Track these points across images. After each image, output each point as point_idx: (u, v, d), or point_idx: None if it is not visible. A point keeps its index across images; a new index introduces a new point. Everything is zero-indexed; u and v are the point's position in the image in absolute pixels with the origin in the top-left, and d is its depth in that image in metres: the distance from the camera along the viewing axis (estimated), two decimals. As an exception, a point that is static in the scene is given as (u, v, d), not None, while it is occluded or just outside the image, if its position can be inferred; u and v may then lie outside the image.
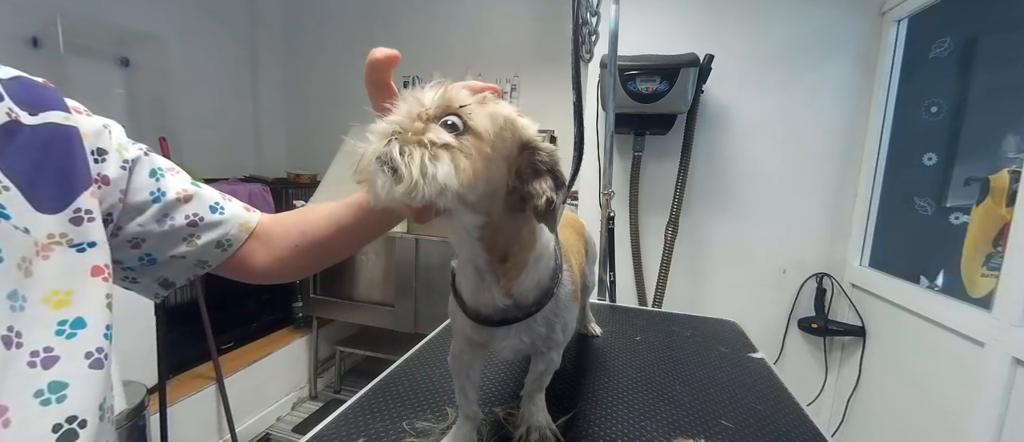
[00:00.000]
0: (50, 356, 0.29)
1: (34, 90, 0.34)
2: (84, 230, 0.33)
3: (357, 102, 2.54)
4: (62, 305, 0.31)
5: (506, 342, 0.44)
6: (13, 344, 0.28)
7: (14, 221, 0.29)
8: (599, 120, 1.63)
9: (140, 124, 2.26)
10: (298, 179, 2.71)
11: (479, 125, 0.32)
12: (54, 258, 0.31)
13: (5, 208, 0.29)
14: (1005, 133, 1.21)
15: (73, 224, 0.33)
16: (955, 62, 1.39)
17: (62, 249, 0.32)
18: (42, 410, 0.28)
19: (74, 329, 0.31)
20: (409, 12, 2.67)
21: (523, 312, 0.42)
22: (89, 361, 0.31)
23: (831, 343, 1.68)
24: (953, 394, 1.14)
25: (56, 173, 0.33)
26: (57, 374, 0.29)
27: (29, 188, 0.30)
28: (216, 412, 1.86)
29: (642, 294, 1.80)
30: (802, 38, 1.60)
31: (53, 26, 1.82)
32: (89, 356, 0.31)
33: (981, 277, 1.14)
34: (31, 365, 0.29)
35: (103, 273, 0.34)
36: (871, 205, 1.58)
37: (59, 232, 0.32)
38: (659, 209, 1.76)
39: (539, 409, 0.55)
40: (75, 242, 0.33)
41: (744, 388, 0.71)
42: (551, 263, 0.43)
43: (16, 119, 0.31)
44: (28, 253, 0.30)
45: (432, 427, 0.56)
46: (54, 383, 0.29)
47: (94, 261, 0.33)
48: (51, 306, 0.30)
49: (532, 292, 0.42)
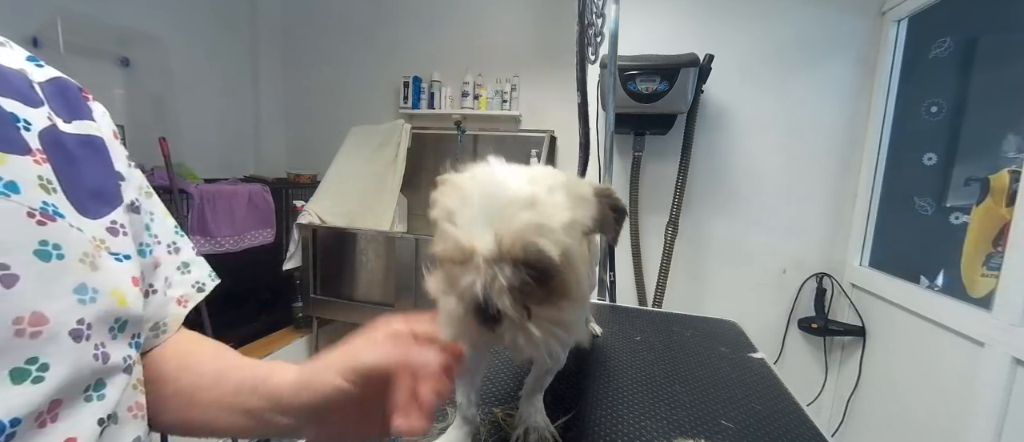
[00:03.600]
0: (105, 352, 0.29)
1: (67, 96, 0.34)
2: (120, 242, 0.33)
3: (357, 102, 2.55)
4: (123, 302, 0.31)
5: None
6: (83, 336, 0.28)
7: (69, 220, 0.29)
8: (599, 120, 1.63)
9: (140, 124, 2.26)
10: (298, 179, 2.71)
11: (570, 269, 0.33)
12: (105, 260, 0.31)
13: (58, 207, 0.29)
14: (1005, 133, 1.21)
15: (110, 234, 0.33)
16: (955, 62, 1.39)
17: (106, 254, 0.32)
18: (87, 406, 0.28)
19: (119, 331, 0.31)
20: (409, 12, 2.67)
21: None
22: (124, 365, 0.31)
23: (831, 343, 1.68)
24: (953, 394, 1.14)
25: (92, 183, 0.33)
26: (104, 373, 0.29)
27: (71, 191, 0.30)
28: (216, 412, 1.86)
29: (642, 294, 1.80)
30: (802, 38, 1.60)
31: (53, 26, 1.82)
32: (125, 360, 0.31)
33: (981, 277, 1.14)
34: (95, 357, 0.29)
35: (140, 285, 0.34)
36: (871, 205, 1.58)
37: (100, 238, 0.32)
38: (659, 209, 1.76)
39: (537, 410, 0.55)
40: (113, 251, 0.32)
41: (744, 388, 0.71)
42: None
43: (55, 125, 0.31)
44: (88, 249, 0.29)
45: (430, 427, 0.56)
46: (99, 381, 0.29)
47: (132, 272, 0.33)
48: (117, 301, 0.31)
49: None
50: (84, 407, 0.28)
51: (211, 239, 2.06)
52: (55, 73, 0.34)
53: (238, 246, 2.18)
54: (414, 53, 2.67)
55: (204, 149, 2.55)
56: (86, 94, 0.36)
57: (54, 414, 0.27)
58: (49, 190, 0.29)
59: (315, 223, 2.19)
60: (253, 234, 2.28)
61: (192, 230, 1.99)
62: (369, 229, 2.18)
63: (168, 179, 1.84)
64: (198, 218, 2.02)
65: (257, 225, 2.31)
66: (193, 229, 2.00)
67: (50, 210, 0.28)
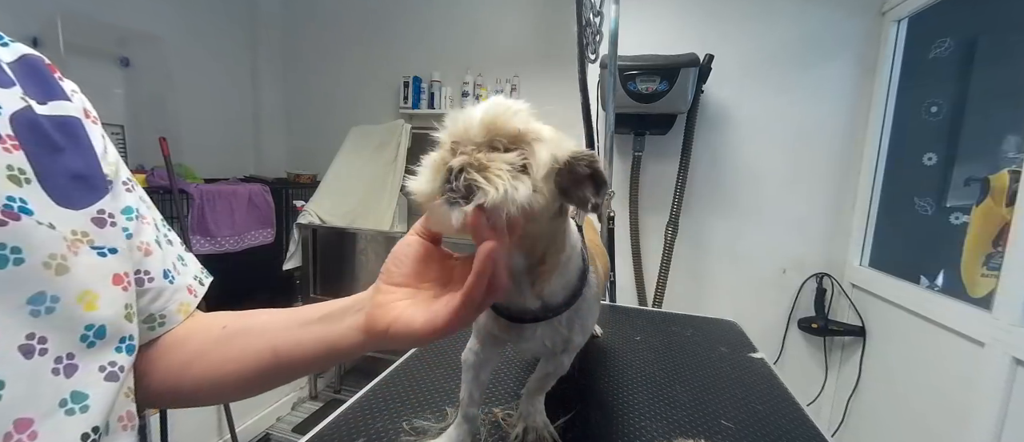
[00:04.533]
0: (71, 364, 0.27)
1: (39, 74, 0.32)
2: (106, 234, 0.31)
3: (357, 102, 2.55)
4: (91, 308, 0.29)
5: (531, 343, 0.44)
6: (36, 352, 0.26)
7: (37, 216, 0.27)
8: (599, 120, 1.63)
9: (140, 124, 2.26)
10: (298, 179, 2.71)
11: (539, 161, 0.32)
12: (81, 257, 0.29)
13: (27, 202, 0.26)
14: (1005, 133, 1.21)
15: (96, 225, 0.31)
16: (955, 62, 1.39)
17: (86, 250, 0.29)
18: (69, 420, 0.27)
19: (96, 338, 0.29)
20: (409, 12, 2.66)
21: (552, 311, 0.42)
22: (104, 374, 0.29)
23: (831, 343, 1.68)
24: (953, 394, 1.14)
25: (75, 168, 0.30)
26: (77, 384, 0.28)
27: (49, 180, 0.28)
28: (216, 412, 1.86)
29: (642, 294, 1.80)
30: (802, 38, 1.60)
31: (53, 26, 1.82)
32: (103, 369, 0.29)
33: (981, 277, 1.14)
34: (54, 372, 0.27)
35: (123, 282, 0.32)
36: (871, 205, 1.58)
37: (82, 230, 0.29)
38: (659, 209, 1.76)
39: (537, 411, 0.55)
40: (97, 245, 0.30)
41: (744, 388, 0.71)
42: (579, 263, 0.43)
43: (30, 106, 0.29)
44: (57, 249, 0.27)
45: (430, 426, 0.56)
46: (76, 393, 0.27)
47: (116, 269, 0.31)
48: (84, 306, 0.28)
49: (561, 293, 0.42)
50: (65, 421, 0.26)
51: (211, 239, 2.06)
52: (25, 50, 0.32)
53: (238, 246, 2.18)
54: (414, 53, 2.67)
55: (204, 149, 2.55)
56: (54, 70, 0.33)
57: (31, 433, 0.25)
58: (20, 181, 0.26)
59: (315, 223, 2.19)
60: (253, 234, 2.28)
61: (192, 230, 1.99)
62: (369, 229, 2.18)
63: (168, 179, 1.84)
64: (198, 218, 2.02)
65: (257, 225, 2.31)
66: (193, 229, 2.00)
67: (15, 207, 0.26)
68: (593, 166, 0.36)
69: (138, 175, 1.92)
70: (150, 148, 1.92)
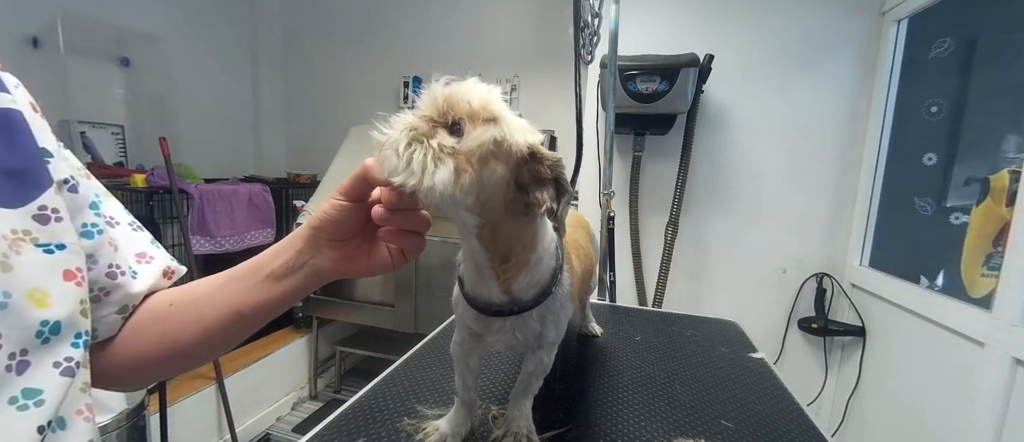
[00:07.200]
0: (24, 360, 0.27)
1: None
2: (52, 230, 0.30)
3: (357, 102, 2.55)
4: (43, 305, 0.28)
5: (500, 335, 0.46)
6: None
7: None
8: (599, 120, 1.63)
9: (140, 124, 2.26)
10: (298, 179, 2.71)
11: (469, 145, 0.35)
12: (25, 256, 0.28)
13: None
14: (1005, 133, 1.21)
15: (38, 222, 0.30)
16: (955, 62, 1.39)
17: (30, 248, 0.29)
18: (20, 415, 0.26)
19: (51, 334, 0.29)
20: (409, 12, 2.67)
21: (519, 307, 0.44)
22: (59, 370, 0.29)
23: (831, 343, 1.68)
24: (953, 394, 1.14)
25: (9, 163, 0.29)
26: (30, 381, 0.27)
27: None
28: (216, 412, 1.86)
29: (642, 294, 1.80)
30: (802, 38, 1.60)
31: (53, 26, 1.82)
32: (57, 365, 0.29)
33: (981, 277, 1.14)
34: (7, 369, 0.26)
35: (76, 278, 0.31)
36: (871, 205, 1.58)
37: (23, 229, 0.29)
38: (659, 209, 1.76)
39: (523, 415, 0.53)
40: (42, 242, 0.29)
41: (744, 388, 0.71)
42: (552, 263, 0.44)
43: None
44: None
45: (430, 412, 0.58)
46: (28, 390, 0.27)
47: (65, 264, 0.31)
48: (35, 304, 0.28)
49: (530, 290, 0.43)
50: (18, 416, 0.26)
51: (211, 239, 2.06)
52: None
53: (238, 246, 2.18)
54: (414, 53, 2.67)
55: (204, 149, 2.55)
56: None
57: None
58: None
59: (315, 223, 2.19)
60: (253, 234, 2.28)
61: (192, 230, 1.99)
62: (369, 229, 2.18)
63: (168, 179, 1.84)
64: (198, 218, 2.02)
65: (257, 225, 2.31)
66: (193, 229, 2.00)
67: None
68: (556, 171, 0.37)
69: (138, 175, 1.92)
70: (150, 148, 1.92)
